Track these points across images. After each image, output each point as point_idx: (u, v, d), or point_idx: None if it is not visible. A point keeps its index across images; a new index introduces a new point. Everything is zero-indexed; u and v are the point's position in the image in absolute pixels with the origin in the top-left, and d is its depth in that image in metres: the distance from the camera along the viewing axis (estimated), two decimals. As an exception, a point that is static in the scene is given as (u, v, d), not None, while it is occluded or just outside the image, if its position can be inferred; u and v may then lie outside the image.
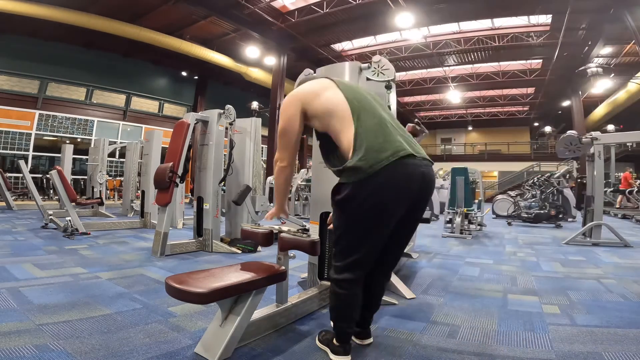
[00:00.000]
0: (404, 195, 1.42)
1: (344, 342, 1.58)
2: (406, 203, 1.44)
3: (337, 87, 1.55)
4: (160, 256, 3.64)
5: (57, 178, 4.88)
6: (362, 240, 1.46)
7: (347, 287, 1.51)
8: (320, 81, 1.61)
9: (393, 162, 1.37)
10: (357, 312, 1.59)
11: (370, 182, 1.37)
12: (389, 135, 1.45)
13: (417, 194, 1.46)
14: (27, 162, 10.85)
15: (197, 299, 1.41)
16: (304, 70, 2.79)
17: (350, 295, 1.53)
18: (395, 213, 1.44)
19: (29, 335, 1.67)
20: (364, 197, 1.39)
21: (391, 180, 1.37)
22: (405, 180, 1.40)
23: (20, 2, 9.12)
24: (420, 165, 1.45)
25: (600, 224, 4.89)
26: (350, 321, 1.57)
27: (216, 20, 11.26)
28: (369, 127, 1.43)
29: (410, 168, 1.41)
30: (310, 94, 1.55)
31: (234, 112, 4.24)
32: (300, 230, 1.99)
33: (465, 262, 3.76)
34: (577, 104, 15.76)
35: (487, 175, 21.01)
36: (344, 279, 1.50)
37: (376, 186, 1.37)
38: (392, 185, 1.38)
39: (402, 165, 1.39)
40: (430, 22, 11.31)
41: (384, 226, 1.44)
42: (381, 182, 1.37)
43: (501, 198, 9.72)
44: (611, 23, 9.74)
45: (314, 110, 1.53)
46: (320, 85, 1.58)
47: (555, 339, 1.81)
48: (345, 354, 1.57)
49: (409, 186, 1.42)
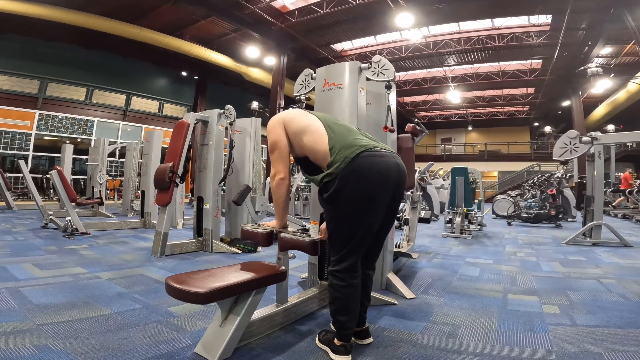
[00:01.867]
0: (382, 178, 1.55)
1: (345, 340, 1.59)
2: (387, 188, 1.56)
3: (310, 114, 1.80)
4: (160, 256, 3.64)
5: (57, 178, 4.88)
6: (355, 225, 1.55)
7: (344, 277, 1.57)
8: (296, 110, 1.86)
9: (366, 152, 1.55)
10: (356, 305, 1.61)
11: (350, 170, 1.53)
12: (357, 135, 1.67)
13: (395, 181, 1.58)
14: (27, 162, 10.85)
15: (197, 299, 1.41)
16: (304, 70, 2.79)
17: (348, 286, 1.57)
18: (378, 195, 1.55)
19: (29, 335, 1.67)
20: (346, 184, 1.53)
21: (369, 165, 1.54)
22: (382, 165, 1.56)
23: (20, 2, 9.12)
24: (393, 157, 1.62)
25: (600, 224, 4.89)
26: (349, 315, 1.58)
27: (216, 20, 11.26)
28: (339, 132, 1.65)
29: (385, 157, 1.58)
30: (289, 117, 1.77)
31: (234, 112, 4.24)
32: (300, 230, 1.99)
33: (465, 262, 3.76)
34: (577, 104, 15.75)
35: (487, 175, 21.02)
36: (340, 269, 1.58)
37: (356, 171, 1.52)
38: (370, 168, 1.53)
39: (375, 155, 1.57)
40: (430, 22, 11.31)
41: (372, 209, 1.55)
42: (361, 167, 1.53)
43: (501, 198, 9.72)
44: (611, 23, 9.74)
45: (292, 129, 1.73)
46: (297, 112, 1.82)
47: (555, 339, 1.81)
48: (346, 353, 1.57)
49: (387, 172, 1.56)
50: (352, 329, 1.61)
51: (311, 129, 1.69)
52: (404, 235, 4.03)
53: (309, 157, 1.69)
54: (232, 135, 4.29)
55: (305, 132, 1.69)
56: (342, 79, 2.48)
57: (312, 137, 1.66)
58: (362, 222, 1.54)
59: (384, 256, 2.63)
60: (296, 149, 1.75)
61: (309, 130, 1.69)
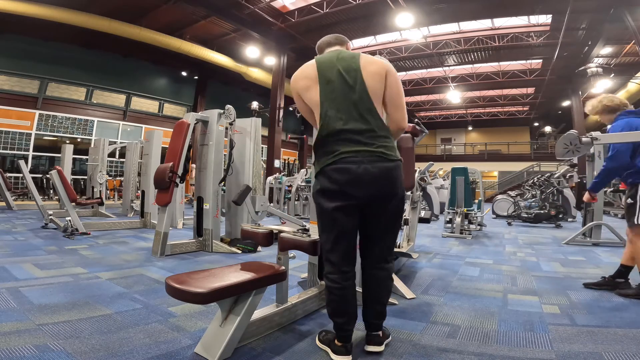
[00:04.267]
0: (341, 188, 1.54)
1: (345, 341, 1.58)
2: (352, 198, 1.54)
3: (317, 83, 1.62)
4: (160, 256, 3.64)
5: (57, 178, 4.87)
6: (328, 228, 1.59)
7: (335, 279, 1.58)
8: (309, 71, 1.66)
9: (334, 162, 1.54)
10: (352, 307, 1.60)
11: (320, 178, 1.60)
12: (337, 140, 1.57)
13: (360, 186, 1.53)
14: (27, 162, 10.85)
15: (197, 299, 1.41)
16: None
17: (340, 288, 1.57)
18: (341, 207, 1.55)
19: (29, 335, 1.67)
20: (316, 191, 1.62)
21: (333, 176, 1.55)
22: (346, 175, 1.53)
23: (20, 2, 9.12)
24: (363, 162, 1.53)
25: (600, 224, 4.89)
26: (345, 316, 1.58)
27: (216, 20, 11.27)
28: (325, 135, 1.58)
29: (348, 166, 1.53)
30: (302, 88, 1.67)
31: (234, 112, 4.24)
32: (300, 230, 1.99)
33: (465, 262, 3.76)
34: (577, 104, 15.75)
35: (487, 175, 21.02)
36: (329, 271, 1.61)
37: (323, 182, 1.58)
38: (333, 180, 1.55)
39: (340, 163, 1.54)
40: (430, 22, 11.31)
41: (339, 218, 1.56)
42: (326, 177, 1.56)
43: (501, 198, 9.72)
44: (611, 23, 9.74)
45: (307, 102, 1.69)
46: (310, 76, 1.65)
47: (555, 339, 1.81)
48: (346, 353, 1.57)
49: (348, 180, 1.53)
50: (351, 330, 1.60)
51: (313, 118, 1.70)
52: (404, 235, 4.03)
53: None
54: (232, 135, 4.29)
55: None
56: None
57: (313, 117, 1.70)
58: (332, 227, 1.58)
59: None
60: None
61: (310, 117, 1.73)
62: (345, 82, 1.57)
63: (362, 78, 1.57)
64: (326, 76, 1.60)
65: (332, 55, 1.67)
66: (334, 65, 1.61)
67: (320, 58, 1.68)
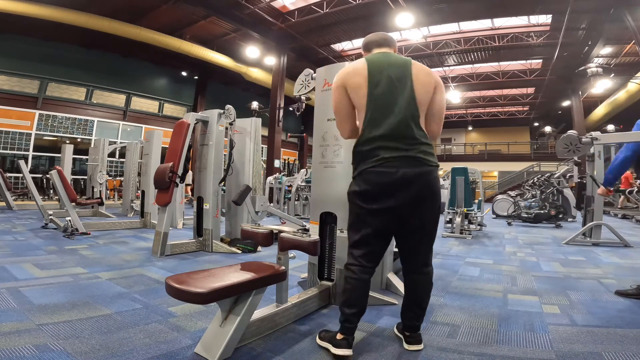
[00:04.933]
0: (379, 193, 1.58)
1: (347, 334, 1.60)
2: (384, 200, 1.58)
3: (366, 83, 1.61)
4: (160, 256, 3.64)
5: (57, 178, 4.87)
6: (358, 226, 1.65)
7: (354, 269, 1.63)
8: (360, 69, 1.64)
9: (372, 165, 1.57)
10: (364, 299, 1.64)
11: (357, 181, 1.63)
12: (380, 146, 1.58)
13: (398, 192, 1.56)
14: (27, 162, 10.85)
15: (197, 299, 1.41)
16: (304, 70, 2.80)
17: (357, 279, 1.61)
18: (376, 210, 1.58)
19: (29, 335, 1.67)
20: (352, 192, 1.65)
21: (371, 180, 1.58)
22: (382, 180, 1.56)
23: (20, 2, 9.13)
24: (402, 166, 1.55)
25: (600, 224, 4.89)
26: (355, 307, 1.60)
27: (216, 20, 11.27)
28: (367, 138, 1.60)
29: (388, 170, 1.55)
30: (352, 84, 1.64)
31: (234, 112, 4.24)
32: (300, 230, 1.99)
33: (465, 262, 3.76)
34: (577, 104, 15.76)
35: (487, 175, 21.01)
36: (350, 262, 1.65)
37: (360, 184, 1.61)
38: (371, 184, 1.58)
39: (380, 167, 1.56)
40: (430, 22, 11.31)
41: (370, 220, 1.61)
42: (364, 181, 1.59)
43: (501, 198, 9.72)
44: (611, 23, 9.74)
45: (353, 100, 1.66)
46: (360, 74, 1.63)
47: (555, 339, 1.81)
48: (347, 346, 1.58)
49: (386, 185, 1.56)
50: (356, 324, 1.63)
51: (357, 116, 1.69)
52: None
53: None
54: (232, 135, 4.29)
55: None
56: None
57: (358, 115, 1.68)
58: (362, 228, 1.62)
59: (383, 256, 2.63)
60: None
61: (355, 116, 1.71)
62: (394, 88, 1.59)
63: (412, 86, 1.59)
64: (375, 79, 1.60)
65: (382, 59, 1.66)
66: (384, 69, 1.62)
67: (371, 59, 1.67)
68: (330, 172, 2.47)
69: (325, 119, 2.52)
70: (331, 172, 2.47)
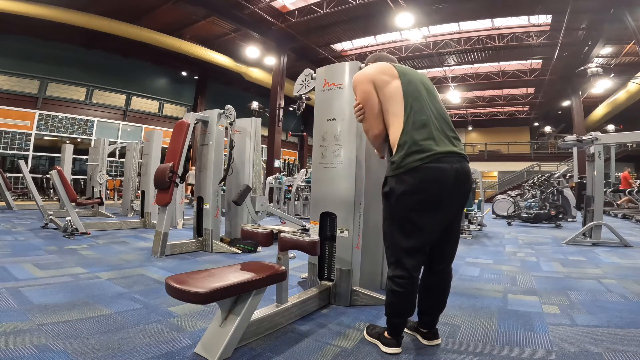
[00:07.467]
0: (438, 190, 1.50)
1: (396, 334, 1.63)
2: (442, 198, 1.52)
3: (398, 79, 1.63)
4: (160, 256, 3.64)
5: (57, 178, 4.87)
6: (409, 233, 1.53)
7: (402, 284, 1.55)
8: (388, 68, 1.67)
9: (427, 161, 1.48)
10: (412, 308, 1.62)
11: (407, 178, 1.50)
12: (429, 136, 1.53)
13: (452, 189, 1.53)
14: (27, 162, 10.85)
15: (197, 299, 1.41)
16: (304, 70, 2.79)
17: (406, 293, 1.57)
18: (431, 207, 1.52)
19: (29, 335, 1.67)
20: (402, 191, 1.51)
21: (426, 177, 1.48)
22: (439, 176, 1.49)
23: (20, 2, 9.12)
24: (453, 162, 1.52)
25: (600, 224, 4.88)
26: (404, 317, 1.62)
27: (216, 20, 11.27)
28: (413, 128, 1.54)
29: (443, 165, 1.50)
30: (380, 81, 1.63)
31: (234, 112, 4.24)
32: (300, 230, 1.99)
33: (465, 262, 3.76)
34: (577, 104, 15.76)
35: (487, 175, 21.02)
36: (396, 275, 1.57)
37: (412, 182, 1.49)
38: (427, 181, 1.49)
39: (435, 163, 1.49)
40: (430, 22, 11.30)
41: (425, 220, 1.52)
42: (417, 178, 1.49)
43: (501, 198, 9.72)
44: (611, 23, 9.74)
45: (381, 96, 1.63)
46: (389, 73, 1.66)
47: (555, 339, 1.81)
48: (397, 345, 1.62)
49: (443, 182, 1.50)
50: (404, 327, 1.65)
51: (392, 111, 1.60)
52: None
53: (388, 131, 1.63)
54: (232, 135, 4.29)
55: (387, 111, 1.62)
56: (342, 79, 2.48)
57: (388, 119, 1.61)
58: (412, 233, 1.53)
59: (383, 256, 2.63)
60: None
61: (389, 112, 1.61)
62: (427, 89, 1.65)
63: (433, 90, 1.70)
64: (407, 77, 1.64)
65: (400, 65, 1.73)
66: (407, 71, 1.68)
67: (395, 64, 1.73)
68: (330, 172, 2.47)
69: (325, 119, 2.52)
70: (331, 172, 2.46)
